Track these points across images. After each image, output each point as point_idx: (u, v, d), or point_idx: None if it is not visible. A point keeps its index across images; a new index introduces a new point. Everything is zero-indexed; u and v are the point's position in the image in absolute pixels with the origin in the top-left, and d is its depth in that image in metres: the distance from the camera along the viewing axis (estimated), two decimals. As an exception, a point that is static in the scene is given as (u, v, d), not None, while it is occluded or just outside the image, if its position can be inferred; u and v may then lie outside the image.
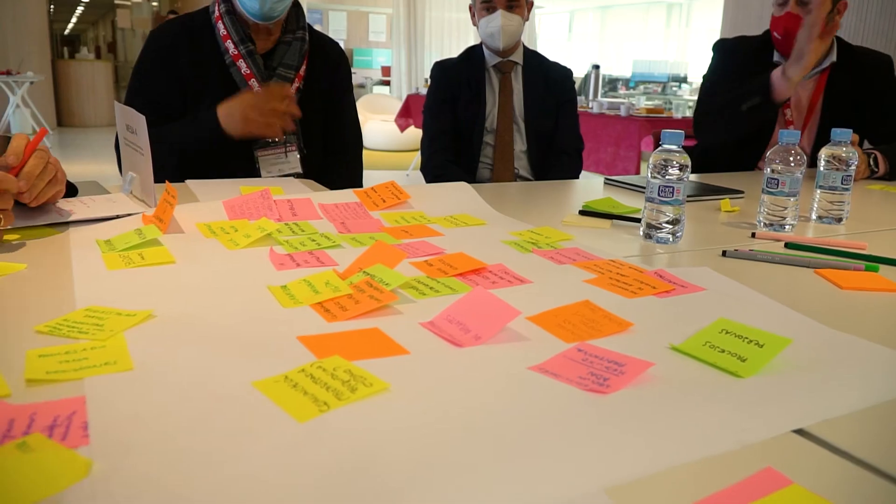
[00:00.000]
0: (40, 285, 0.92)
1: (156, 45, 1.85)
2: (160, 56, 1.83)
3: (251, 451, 0.53)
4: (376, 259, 0.99)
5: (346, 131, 2.05)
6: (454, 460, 0.53)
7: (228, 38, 1.81)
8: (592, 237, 1.27)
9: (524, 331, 0.80)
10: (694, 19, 12.37)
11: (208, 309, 0.84)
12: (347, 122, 2.05)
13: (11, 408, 0.59)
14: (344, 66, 2.06)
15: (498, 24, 2.27)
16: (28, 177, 1.09)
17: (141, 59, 1.86)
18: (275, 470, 0.51)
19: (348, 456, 0.53)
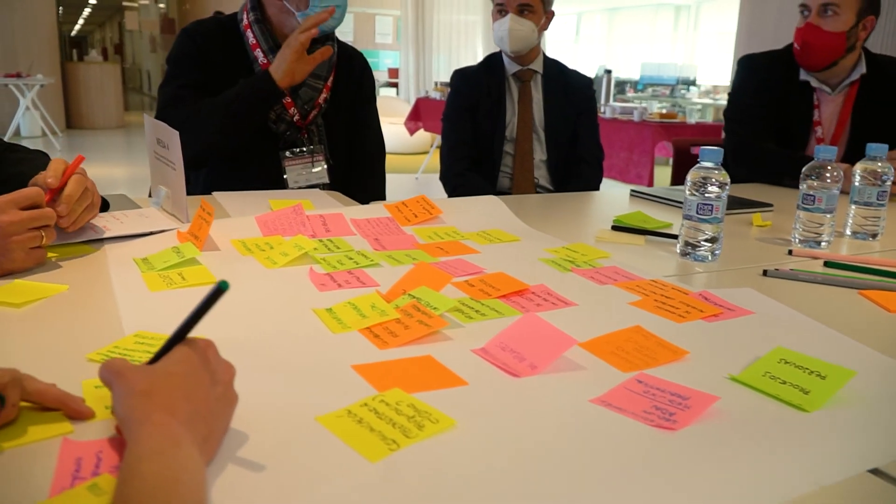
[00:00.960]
0: (84, 308, 0.91)
1: (190, 38, 1.81)
2: (195, 49, 1.80)
3: (325, 493, 0.52)
4: (420, 281, 0.98)
5: (370, 141, 2.04)
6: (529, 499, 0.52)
7: (258, 48, 1.80)
8: (628, 254, 1.26)
9: (578, 358, 0.79)
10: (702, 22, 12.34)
11: (257, 334, 0.83)
12: (371, 133, 2.04)
13: (77, 445, 0.58)
14: (368, 76, 2.06)
15: (506, 28, 2.25)
16: (68, 200, 1.08)
17: (176, 49, 1.82)
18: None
19: (425, 496, 0.52)
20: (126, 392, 0.54)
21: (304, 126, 1.85)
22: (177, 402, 0.53)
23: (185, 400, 0.54)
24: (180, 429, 0.51)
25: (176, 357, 0.58)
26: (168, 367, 0.56)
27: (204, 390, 0.56)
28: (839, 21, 2.06)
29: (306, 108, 1.83)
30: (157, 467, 0.46)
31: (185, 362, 0.57)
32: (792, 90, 2.23)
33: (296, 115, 1.82)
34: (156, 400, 0.53)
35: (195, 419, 0.53)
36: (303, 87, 1.83)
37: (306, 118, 1.84)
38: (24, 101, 8.82)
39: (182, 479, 0.46)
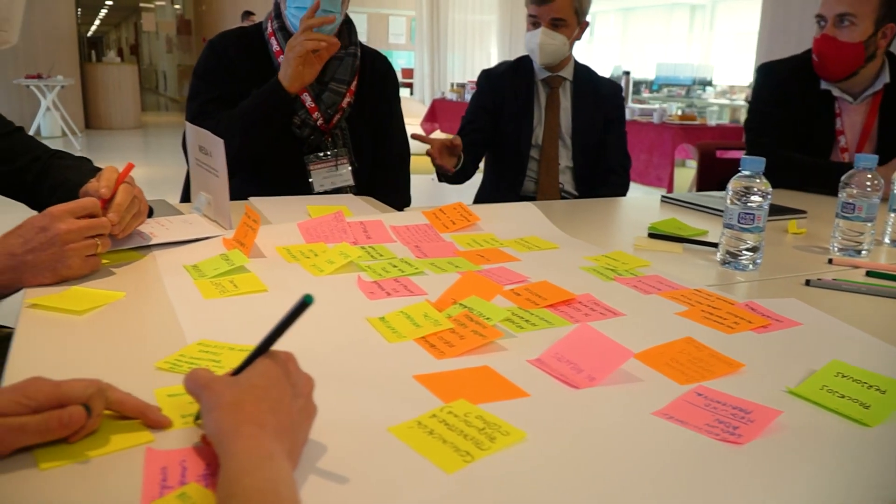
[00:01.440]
0: (143, 315, 0.93)
1: (216, 52, 1.86)
2: (221, 61, 1.84)
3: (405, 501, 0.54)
4: (469, 290, 0.99)
5: (394, 144, 2.06)
6: (613, 518, 0.53)
7: (281, 54, 1.83)
8: (668, 262, 1.27)
9: (633, 370, 0.80)
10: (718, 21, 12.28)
11: (316, 343, 0.84)
12: (395, 136, 2.06)
13: (160, 454, 0.60)
14: (392, 79, 2.08)
15: (537, 42, 2.26)
16: (118, 209, 1.11)
17: (202, 63, 1.87)
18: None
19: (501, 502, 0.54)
20: (214, 404, 0.56)
21: (328, 130, 1.87)
22: (264, 415, 0.55)
23: (271, 412, 0.55)
24: (271, 442, 0.52)
25: (259, 369, 0.59)
26: (253, 380, 0.58)
27: (287, 402, 0.58)
28: (856, 31, 2.04)
29: (330, 112, 1.85)
30: (257, 482, 0.47)
31: (269, 375, 0.59)
32: (813, 99, 2.22)
33: (319, 119, 1.84)
34: (244, 412, 0.54)
35: (281, 431, 0.55)
36: (326, 92, 1.85)
37: (330, 122, 1.87)
38: (44, 101, 8.90)
39: (282, 492, 0.47)
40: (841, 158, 2.20)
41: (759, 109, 2.32)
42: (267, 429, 0.54)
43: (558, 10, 2.22)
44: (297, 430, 0.58)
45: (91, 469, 0.59)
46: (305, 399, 0.61)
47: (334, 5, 1.78)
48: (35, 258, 0.99)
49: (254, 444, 0.51)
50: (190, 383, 0.60)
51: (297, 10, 1.78)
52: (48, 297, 0.96)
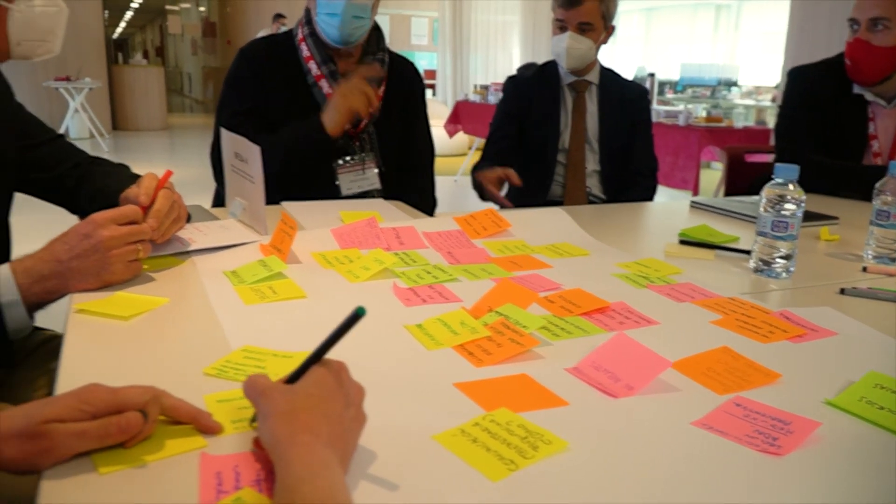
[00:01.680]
0: (187, 321, 0.96)
1: (247, 60, 1.90)
2: (252, 71, 1.88)
3: (457, 513, 0.55)
4: (505, 298, 1.01)
5: (420, 148, 2.08)
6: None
7: (311, 59, 1.87)
8: (700, 270, 1.27)
9: (670, 379, 0.81)
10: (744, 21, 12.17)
11: (357, 350, 0.86)
12: (421, 140, 2.08)
13: (214, 459, 0.62)
14: (419, 85, 2.10)
15: (564, 46, 2.26)
16: (157, 215, 1.13)
17: (233, 72, 1.90)
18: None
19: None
20: (270, 411, 0.58)
21: (356, 135, 1.90)
22: (318, 423, 0.56)
23: (324, 421, 0.57)
24: (325, 450, 0.54)
25: (314, 378, 0.61)
26: (308, 388, 0.60)
27: (340, 411, 0.59)
28: (890, 35, 2.02)
29: (357, 117, 1.87)
30: (315, 490, 0.49)
31: (323, 384, 0.60)
32: (844, 103, 2.20)
33: (347, 124, 1.85)
34: (299, 421, 0.56)
35: (334, 439, 0.57)
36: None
37: (358, 127, 1.89)
38: (73, 103, 9.04)
39: (339, 500, 0.49)
40: (874, 163, 2.18)
41: (790, 114, 2.31)
42: (321, 437, 0.55)
43: (586, 15, 2.23)
44: (349, 439, 0.60)
45: (148, 473, 0.61)
46: (356, 408, 0.62)
47: (365, 11, 1.81)
48: (80, 264, 1.02)
49: (309, 453, 0.53)
50: (248, 389, 0.62)
51: (329, 17, 1.80)
52: (94, 302, 0.98)
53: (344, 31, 1.80)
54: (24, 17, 1.03)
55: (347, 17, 1.78)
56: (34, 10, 1.05)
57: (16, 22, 1.03)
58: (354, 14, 1.78)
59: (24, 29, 1.04)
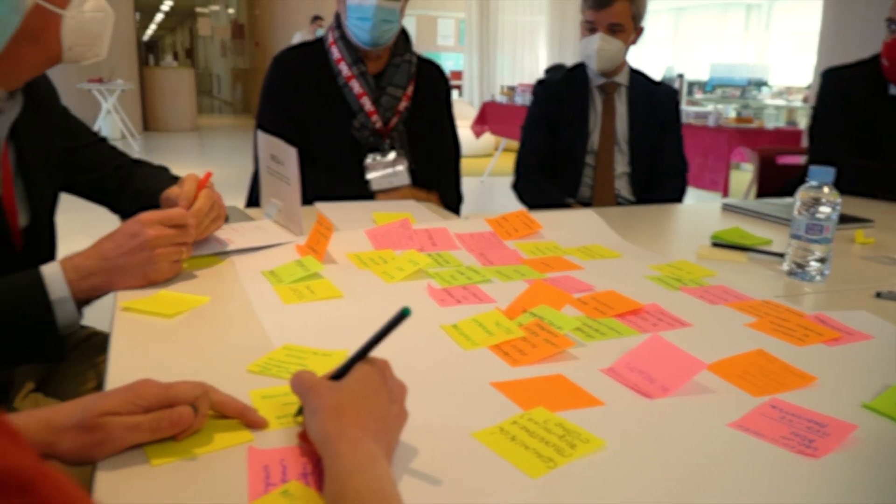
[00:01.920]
0: (229, 319, 0.98)
1: (280, 69, 1.96)
2: (284, 79, 1.93)
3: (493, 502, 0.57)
4: (539, 299, 1.02)
5: (446, 146, 2.12)
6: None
7: (342, 61, 1.92)
8: (733, 273, 1.27)
9: (706, 381, 0.82)
10: (775, 21, 12.02)
11: (395, 349, 0.87)
12: (447, 138, 2.12)
13: (261, 453, 0.64)
14: (445, 87, 2.14)
15: (595, 47, 2.26)
16: (198, 214, 1.16)
17: (268, 81, 1.96)
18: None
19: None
20: (318, 406, 0.60)
21: (387, 132, 1.94)
22: (364, 419, 0.58)
23: (370, 416, 0.59)
24: (372, 443, 0.56)
25: (359, 375, 0.63)
26: (354, 385, 0.62)
27: (384, 407, 0.61)
28: None
29: (387, 114, 1.92)
30: (365, 482, 0.51)
31: (368, 381, 0.62)
32: (880, 104, 2.17)
33: (378, 122, 1.91)
34: (346, 416, 0.58)
35: (379, 434, 0.59)
36: (384, 96, 1.92)
37: (388, 124, 1.93)
38: (105, 105, 9.20)
39: (388, 491, 0.51)
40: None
41: (824, 115, 2.29)
42: (368, 431, 0.57)
43: (616, 16, 2.23)
44: (392, 434, 0.62)
45: (198, 465, 0.63)
46: (399, 405, 0.64)
47: (394, 15, 1.85)
48: (126, 262, 1.05)
49: (357, 446, 0.55)
50: (296, 384, 0.64)
51: (359, 21, 1.84)
52: (139, 300, 1.01)
53: (374, 33, 1.84)
54: (75, 23, 1.07)
55: (377, 20, 1.82)
56: (85, 16, 1.08)
57: (68, 28, 1.06)
58: (384, 17, 1.83)
59: (75, 34, 1.08)
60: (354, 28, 1.86)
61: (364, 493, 0.50)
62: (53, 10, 1.04)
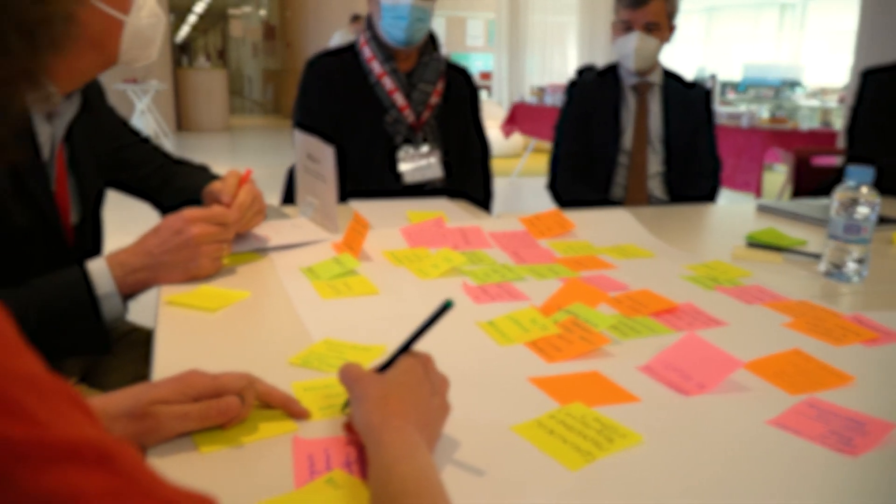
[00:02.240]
0: (269, 313, 1.01)
1: (315, 73, 2.02)
2: (318, 84, 1.99)
3: (536, 496, 0.58)
4: (574, 297, 1.03)
5: (474, 148, 2.15)
6: (734, 520, 0.56)
7: (374, 60, 1.97)
8: (769, 273, 1.27)
9: (742, 379, 0.82)
10: (810, 20, 11.84)
11: (433, 345, 0.89)
12: (475, 141, 2.15)
13: (306, 443, 0.66)
14: (472, 90, 2.18)
15: (632, 47, 2.26)
16: (240, 207, 1.19)
17: (303, 84, 2.02)
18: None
19: (622, 501, 0.57)
20: (363, 396, 0.61)
21: (419, 126, 1.98)
22: (408, 409, 0.60)
23: (413, 407, 0.61)
24: (415, 433, 0.57)
25: (403, 367, 0.64)
26: (398, 377, 0.63)
27: (427, 400, 0.63)
28: None
29: (419, 108, 1.97)
30: (410, 469, 0.52)
31: (412, 373, 0.64)
32: None
33: (410, 116, 1.96)
34: (390, 406, 0.60)
35: (422, 425, 0.60)
36: (415, 92, 1.97)
37: (420, 119, 1.97)
38: (139, 105, 9.36)
39: (432, 479, 0.52)
40: None
41: (863, 116, 2.26)
42: (410, 421, 0.59)
43: (652, 14, 2.24)
44: (434, 426, 0.63)
45: (244, 453, 0.65)
46: (441, 397, 0.65)
47: (427, 14, 1.90)
48: (170, 258, 1.08)
49: (401, 436, 0.56)
50: (343, 375, 0.65)
51: (395, 20, 1.88)
52: (183, 295, 1.04)
53: (409, 31, 1.89)
54: (134, 28, 1.10)
55: (412, 19, 1.87)
56: (142, 21, 1.11)
57: (127, 32, 1.09)
58: (418, 16, 1.88)
59: (132, 38, 1.11)
60: (389, 27, 1.90)
61: (408, 480, 0.51)
62: (116, 16, 1.08)
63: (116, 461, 0.30)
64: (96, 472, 0.29)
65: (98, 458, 0.29)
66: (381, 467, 0.54)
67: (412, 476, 0.52)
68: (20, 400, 0.27)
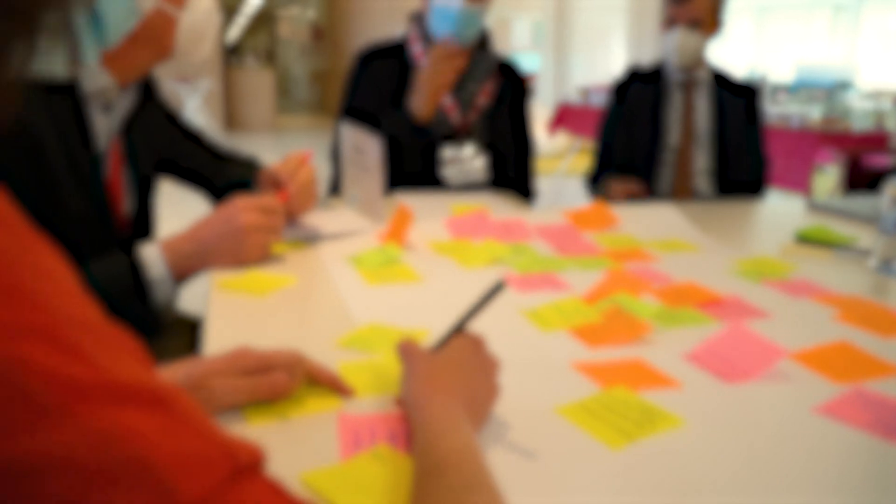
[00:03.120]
0: (316, 298, 1.03)
1: (363, 65, 2.04)
2: (364, 76, 2.01)
3: (581, 474, 0.59)
4: (617, 287, 1.03)
5: (519, 145, 2.15)
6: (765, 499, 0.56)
7: (422, 56, 1.96)
8: (818, 268, 1.25)
9: (787, 369, 0.81)
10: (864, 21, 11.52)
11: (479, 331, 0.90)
12: (521, 138, 2.15)
13: (351, 419, 0.68)
14: (522, 88, 2.17)
15: (675, 43, 2.22)
16: (298, 185, 1.26)
17: (350, 75, 2.04)
18: (604, 490, 0.56)
19: (664, 479, 0.58)
20: (414, 372, 0.63)
21: (465, 127, 1.97)
22: (455, 386, 0.61)
23: (461, 385, 0.62)
24: (460, 410, 0.59)
25: (455, 346, 0.66)
26: (451, 356, 0.64)
27: (476, 380, 0.64)
28: None
29: (466, 109, 1.96)
30: (453, 444, 0.53)
31: (462, 352, 0.65)
32: None
33: (456, 117, 1.95)
34: (438, 382, 0.61)
35: (469, 404, 0.61)
36: (462, 91, 1.95)
37: (466, 119, 1.96)
38: (191, 104, 9.57)
39: (474, 454, 0.53)
40: None
41: None
42: (457, 399, 0.60)
43: (698, 10, 2.20)
44: (482, 406, 0.64)
45: (292, 427, 0.67)
46: (491, 379, 0.67)
47: (478, 16, 1.88)
48: (220, 244, 1.11)
49: (446, 412, 0.58)
50: (401, 350, 0.67)
51: (444, 20, 1.87)
52: (234, 280, 1.07)
53: (458, 33, 1.87)
54: (189, 24, 1.14)
55: (462, 21, 1.86)
56: (197, 17, 1.15)
57: (182, 28, 1.13)
58: (468, 19, 1.86)
59: (187, 34, 1.15)
60: (438, 27, 1.90)
61: (451, 455, 0.52)
62: (172, 12, 1.11)
63: (170, 404, 0.32)
64: (152, 413, 0.30)
65: (153, 401, 0.30)
66: (424, 441, 0.55)
67: (454, 451, 0.53)
68: (82, 344, 0.29)
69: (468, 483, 0.49)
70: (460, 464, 0.51)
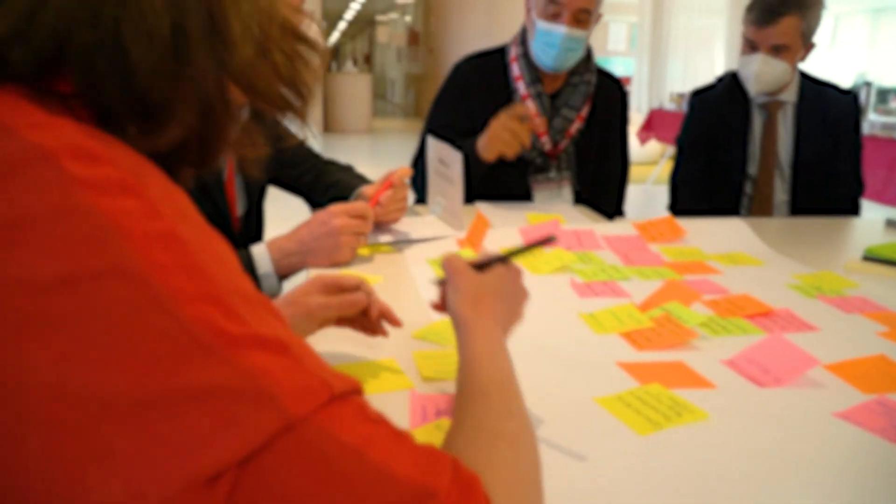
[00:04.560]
0: (398, 294, 1.16)
1: (459, 77, 2.04)
2: (461, 89, 2.02)
3: (609, 449, 0.69)
4: (671, 296, 1.11)
5: (616, 163, 2.12)
6: (771, 493, 0.65)
7: (521, 79, 1.95)
8: (879, 286, 1.28)
9: (820, 377, 0.88)
10: None
11: (536, 328, 1.01)
12: (618, 156, 2.12)
13: (420, 396, 0.81)
14: (623, 104, 2.12)
15: (753, 70, 2.04)
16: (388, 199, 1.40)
17: (443, 87, 2.07)
18: (626, 468, 0.66)
19: (684, 465, 0.67)
20: (460, 289, 0.71)
21: (555, 154, 1.97)
22: (499, 312, 0.71)
23: (504, 311, 0.73)
24: (502, 336, 0.68)
25: (500, 272, 0.75)
26: (494, 281, 0.74)
27: (514, 307, 0.76)
28: None
29: (558, 137, 1.95)
30: (497, 366, 0.62)
31: (506, 280, 0.75)
32: None
33: (547, 144, 1.94)
34: (484, 304, 0.70)
35: (507, 328, 0.73)
36: (557, 118, 1.94)
37: (557, 146, 1.96)
38: (292, 107, 10.01)
39: (511, 376, 0.62)
40: None
41: None
42: (499, 324, 0.70)
43: (782, 35, 2.00)
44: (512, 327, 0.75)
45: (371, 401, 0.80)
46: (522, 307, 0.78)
47: (580, 42, 1.85)
48: (317, 245, 1.26)
49: (491, 334, 0.66)
50: (446, 263, 0.75)
51: (546, 46, 1.85)
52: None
53: (558, 60, 1.85)
54: None
55: (563, 48, 1.83)
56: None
57: None
58: (570, 46, 1.83)
59: None
60: (539, 52, 1.87)
61: (495, 377, 0.60)
62: None
63: (293, 350, 0.44)
64: (279, 356, 0.42)
65: (281, 348, 0.43)
66: (468, 361, 0.63)
67: (498, 372, 0.61)
68: (237, 307, 0.42)
69: (508, 410, 0.57)
70: (501, 389, 0.59)
